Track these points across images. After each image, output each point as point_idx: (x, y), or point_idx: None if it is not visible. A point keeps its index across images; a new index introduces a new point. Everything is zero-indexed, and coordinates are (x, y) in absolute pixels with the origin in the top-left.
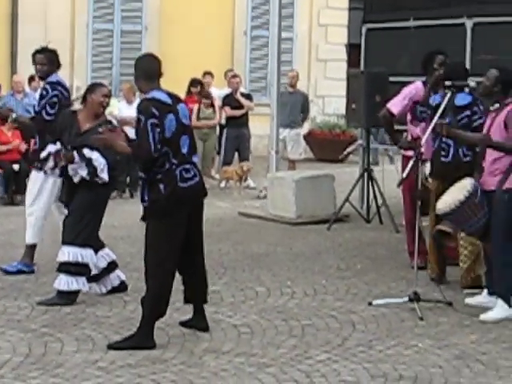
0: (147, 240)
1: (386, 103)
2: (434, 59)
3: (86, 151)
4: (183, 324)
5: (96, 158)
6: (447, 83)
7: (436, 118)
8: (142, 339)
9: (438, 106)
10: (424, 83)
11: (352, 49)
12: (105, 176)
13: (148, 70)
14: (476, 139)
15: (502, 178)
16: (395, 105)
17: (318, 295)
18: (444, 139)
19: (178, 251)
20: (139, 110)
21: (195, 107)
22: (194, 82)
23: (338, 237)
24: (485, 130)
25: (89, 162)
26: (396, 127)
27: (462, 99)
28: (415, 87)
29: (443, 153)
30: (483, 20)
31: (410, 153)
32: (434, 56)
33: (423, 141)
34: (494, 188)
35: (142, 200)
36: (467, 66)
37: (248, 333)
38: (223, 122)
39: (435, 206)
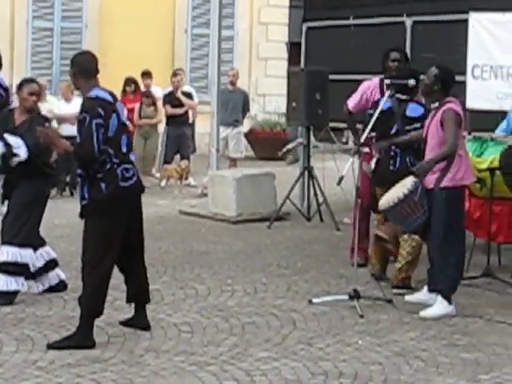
0: (85, 238)
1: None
2: (389, 55)
3: (6, 135)
4: (124, 323)
5: (12, 138)
6: (387, 82)
7: (371, 124)
8: (82, 338)
9: (389, 109)
10: (381, 80)
11: (293, 47)
12: (21, 153)
13: (86, 67)
14: (414, 137)
15: (440, 176)
16: (351, 100)
17: (258, 293)
18: (393, 147)
19: (116, 250)
20: (84, 109)
21: (136, 106)
22: (129, 81)
23: (279, 235)
24: (424, 130)
25: (4, 141)
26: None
27: (413, 110)
28: (370, 84)
29: (391, 161)
30: (422, 18)
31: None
32: (389, 52)
33: (362, 139)
34: (432, 186)
35: (82, 198)
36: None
37: (188, 331)
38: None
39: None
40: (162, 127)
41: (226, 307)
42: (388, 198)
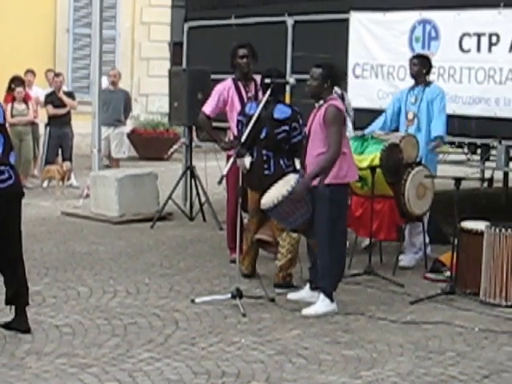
0: None
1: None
2: (237, 52)
3: None
4: (4, 326)
5: None
6: (266, 81)
7: (248, 128)
8: None
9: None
10: (234, 80)
11: (175, 47)
12: None
13: None
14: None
15: (317, 167)
16: (207, 106)
17: (140, 294)
18: (264, 151)
19: None
20: None
21: (9, 105)
22: (16, 80)
23: (161, 235)
24: (307, 127)
25: None
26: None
27: (281, 112)
28: (224, 85)
29: (265, 166)
30: (304, 18)
31: (232, 152)
32: (237, 49)
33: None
34: (316, 183)
35: None
36: (288, 63)
37: (70, 333)
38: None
39: (255, 212)
40: (42, 128)
41: (108, 308)
42: (271, 197)
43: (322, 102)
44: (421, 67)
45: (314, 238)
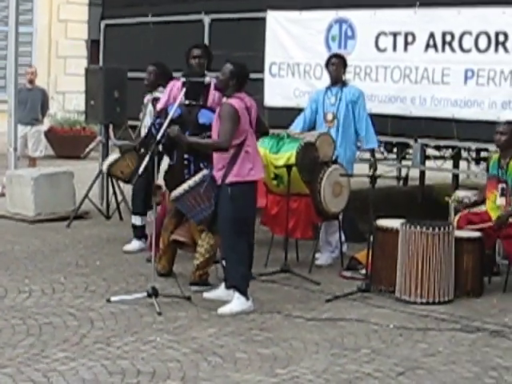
0: None
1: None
2: (191, 52)
3: None
4: None
5: None
6: (182, 79)
7: (163, 128)
8: None
9: (179, 117)
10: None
11: (92, 45)
12: None
13: None
14: (204, 144)
15: (225, 172)
16: (159, 103)
17: (56, 293)
18: (186, 155)
19: None
20: None
21: None
22: None
23: (78, 234)
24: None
25: None
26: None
27: (206, 118)
28: (175, 83)
29: (186, 170)
30: (221, 16)
31: None
32: (191, 49)
33: (159, 136)
34: (220, 182)
35: None
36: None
37: None
38: None
39: (174, 213)
40: None
41: (23, 308)
42: (178, 189)
43: (226, 98)
44: (339, 67)
45: (216, 233)
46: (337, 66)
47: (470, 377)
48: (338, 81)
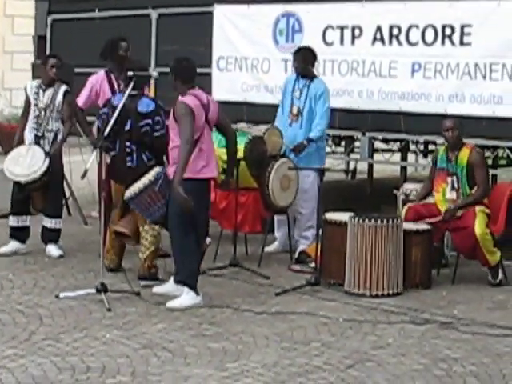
0: None
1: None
2: (119, 46)
3: None
4: None
5: None
6: (129, 73)
7: (113, 119)
8: None
9: (123, 105)
10: (107, 72)
11: (39, 40)
12: None
13: None
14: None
15: (177, 168)
16: (80, 98)
17: (4, 290)
18: (128, 144)
19: None
20: None
21: None
22: None
23: None
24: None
25: None
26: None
27: (144, 105)
28: (98, 77)
29: (128, 158)
30: (168, 11)
31: None
32: (119, 43)
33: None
34: (172, 178)
35: None
36: (152, 56)
37: None
38: None
39: (119, 205)
40: None
41: None
42: (132, 188)
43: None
44: (300, 60)
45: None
46: (298, 59)
47: (419, 369)
48: (304, 74)
